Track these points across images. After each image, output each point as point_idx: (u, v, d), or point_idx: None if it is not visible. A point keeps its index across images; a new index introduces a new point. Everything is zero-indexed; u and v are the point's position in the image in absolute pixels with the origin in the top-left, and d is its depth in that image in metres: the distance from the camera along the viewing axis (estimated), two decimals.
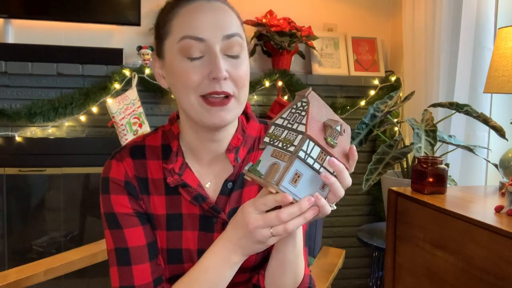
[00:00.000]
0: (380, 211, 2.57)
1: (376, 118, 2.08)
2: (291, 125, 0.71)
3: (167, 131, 0.92)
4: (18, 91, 2.23)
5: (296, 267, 0.86)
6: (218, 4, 0.83)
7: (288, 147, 0.69)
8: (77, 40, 2.38)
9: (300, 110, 0.71)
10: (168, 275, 0.89)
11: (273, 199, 0.70)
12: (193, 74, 0.80)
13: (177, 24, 0.82)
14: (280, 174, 0.68)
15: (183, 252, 0.89)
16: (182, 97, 0.83)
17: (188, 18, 0.81)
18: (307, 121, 0.68)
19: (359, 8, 2.77)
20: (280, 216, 0.70)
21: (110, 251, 0.87)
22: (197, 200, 0.87)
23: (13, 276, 1.32)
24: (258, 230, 0.72)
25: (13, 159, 2.22)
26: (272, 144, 0.71)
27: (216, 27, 0.81)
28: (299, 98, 0.72)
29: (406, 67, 2.50)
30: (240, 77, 0.83)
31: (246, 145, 0.92)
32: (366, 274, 2.71)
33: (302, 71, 2.68)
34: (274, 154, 0.70)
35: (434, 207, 1.42)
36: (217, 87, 0.80)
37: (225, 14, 0.83)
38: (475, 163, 2.07)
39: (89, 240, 1.79)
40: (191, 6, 0.82)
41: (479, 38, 2.05)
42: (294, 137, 0.69)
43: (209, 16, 0.81)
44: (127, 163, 0.88)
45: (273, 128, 0.72)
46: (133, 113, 2.20)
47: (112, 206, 0.86)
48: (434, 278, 1.43)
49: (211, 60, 0.80)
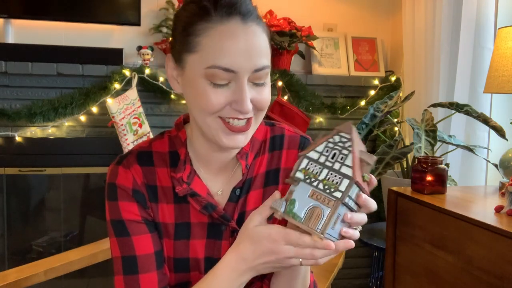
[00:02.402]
0: (380, 211, 2.57)
1: (376, 118, 2.08)
2: (331, 164, 0.66)
3: (174, 137, 0.90)
4: (18, 91, 2.23)
5: (305, 279, 0.85)
6: (253, 28, 0.77)
7: (333, 191, 0.65)
8: (77, 40, 2.38)
9: (340, 147, 0.67)
10: (174, 283, 0.88)
11: (312, 244, 0.68)
12: (215, 100, 0.77)
13: (207, 45, 0.76)
14: (325, 222, 0.64)
15: (190, 261, 0.87)
16: (198, 115, 0.80)
17: (220, 44, 0.75)
18: (354, 165, 0.65)
19: (359, 8, 2.77)
20: (315, 254, 0.69)
21: (116, 258, 0.84)
22: (207, 210, 0.85)
23: (13, 276, 1.32)
24: (287, 260, 0.71)
25: (13, 159, 2.22)
26: (309, 184, 0.66)
27: (248, 58, 0.76)
28: (337, 132, 0.68)
29: (406, 67, 2.50)
30: (263, 102, 0.80)
31: (253, 150, 0.90)
32: (366, 274, 2.71)
33: (302, 71, 2.68)
34: (315, 197, 0.66)
35: (434, 207, 1.42)
36: (239, 115, 0.78)
37: (259, 41, 0.77)
38: (475, 163, 2.07)
39: (89, 240, 1.79)
40: (225, 28, 0.75)
41: (479, 38, 2.05)
42: (339, 180, 0.65)
43: (242, 43, 0.75)
44: (135, 170, 0.86)
45: (307, 163, 0.67)
46: (133, 113, 2.20)
47: (120, 212, 0.84)
48: (434, 278, 1.43)
49: (237, 90, 0.77)
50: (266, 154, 0.92)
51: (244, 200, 0.89)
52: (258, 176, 0.90)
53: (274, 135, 0.93)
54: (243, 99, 0.76)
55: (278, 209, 0.67)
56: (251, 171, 0.90)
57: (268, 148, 0.92)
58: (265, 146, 0.92)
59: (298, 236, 0.69)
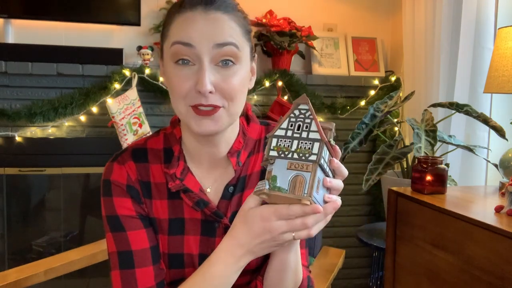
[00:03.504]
0: (380, 211, 2.57)
1: (376, 118, 2.08)
2: (298, 135, 0.70)
3: (169, 134, 0.92)
4: (18, 91, 2.23)
5: (296, 272, 0.86)
6: (215, 15, 0.80)
7: (308, 157, 0.68)
8: (77, 40, 2.38)
9: (301, 118, 0.70)
10: (169, 280, 0.88)
11: (301, 210, 0.69)
12: (181, 83, 0.80)
13: (172, 29, 0.82)
14: (309, 186, 0.67)
15: (184, 257, 0.88)
16: (172, 102, 0.83)
17: (182, 25, 0.80)
18: (318, 128, 0.69)
19: (359, 8, 2.77)
20: (306, 222, 0.70)
21: (111, 254, 0.86)
22: (199, 206, 0.86)
23: (13, 276, 1.33)
24: (281, 235, 0.72)
25: (13, 159, 2.22)
26: (284, 158, 0.69)
27: (206, 35, 0.79)
28: (296, 106, 0.71)
29: (406, 67, 2.50)
30: (230, 90, 0.80)
31: (247, 148, 0.91)
32: (366, 274, 2.71)
33: (302, 71, 2.68)
34: (293, 167, 0.69)
35: (434, 207, 1.42)
36: (203, 100, 0.79)
37: (220, 23, 0.80)
38: (475, 163, 2.07)
39: (89, 240, 1.79)
40: (187, 14, 0.81)
41: (479, 38, 2.05)
42: (310, 146, 0.68)
43: (201, 24, 0.79)
44: (129, 166, 0.88)
45: (277, 141, 0.70)
46: (133, 113, 2.20)
47: (115, 208, 0.85)
48: (434, 278, 1.43)
49: (198, 70, 0.79)
50: (260, 153, 0.93)
51: (239, 199, 0.90)
52: (253, 174, 0.91)
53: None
54: (201, 77, 0.78)
55: (262, 188, 0.70)
56: (245, 170, 0.91)
57: (263, 147, 0.93)
58: (260, 145, 0.94)
59: (287, 208, 0.70)
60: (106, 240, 0.87)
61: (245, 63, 0.85)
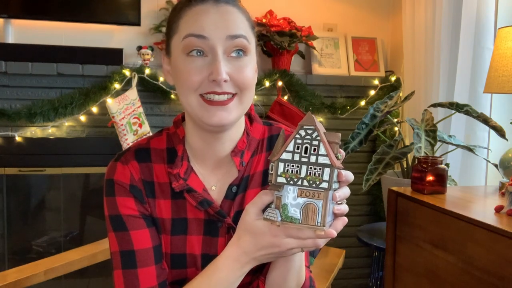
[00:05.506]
0: (380, 211, 2.57)
1: (376, 118, 2.08)
2: (306, 159, 0.67)
3: (172, 134, 0.92)
4: (18, 91, 2.23)
5: (300, 272, 0.86)
6: (225, 7, 0.83)
7: (319, 184, 0.66)
8: (77, 40, 2.38)
9: (308, 139, 0.68)
10: (171, 279, 0.88)
11: (314, 234, 0.69)
12: (194, 75, 0.80)
13: (183, 23, 0.83)
14: (322, 214, 0.66)
15: (187, 257, 0.88)
16: (182, 95, 0.84)
17: (194, 18, 0.82)
18: (328, 152, 0.66)
19: (359, 8, 2.77)
20: (317, 243, 0.71)
21: (114, 253, 0.86)
22: (202, 205, 0.86)
23: (13, 276, 1.33)
24: (289, 250, 0.73)
25: (13, 159, 2.22)
26: (293, 184, 0.68)
27: (219, 26, 0.81)
28: (301, 127, 0.68)
29: (406, 67, 2.50)
30: (243, 80, 0.82)
31: (250, 148, 0.91)
32: (366, 274, 2.71)
33: (302, 71, 2.68)
34: (304, 195, 0.67)
35: (434, 207, 1.42)
36: (217, 89, 0.80)
37: (231, 16, 0.83)
38: (475, 163, 2.07)
39: (89, 240, 1.79)
40: (198, 7, 0.82)
41: (479, 38, 2.05)
42: (320, 172, 0.66)
43: (214, 16, 0.81)
44: (132, 166, 0.87)
45: (284, 165, 0.68)
46: (133, 113, 2.20)
47: (118, 208, 0.85)
48: (434, 278, 1.43)
49: (213, 61, 0.80)
50: (264, 153, 0.93)
51: (242, 198, 0.90)
52: (256, 174, 0.91)
53: (271, 135, 0.95)
54: (217, 67, 0.79)
55: (274, 219, 0.68)
56: (249, 170, 0.91)
57: (266, 147, 0.93)
58: (263, 145, 0.93)
59: (299, 232, 0.70)
60: (109, 240, 0.87)
61: (253, 56, 0.87)
